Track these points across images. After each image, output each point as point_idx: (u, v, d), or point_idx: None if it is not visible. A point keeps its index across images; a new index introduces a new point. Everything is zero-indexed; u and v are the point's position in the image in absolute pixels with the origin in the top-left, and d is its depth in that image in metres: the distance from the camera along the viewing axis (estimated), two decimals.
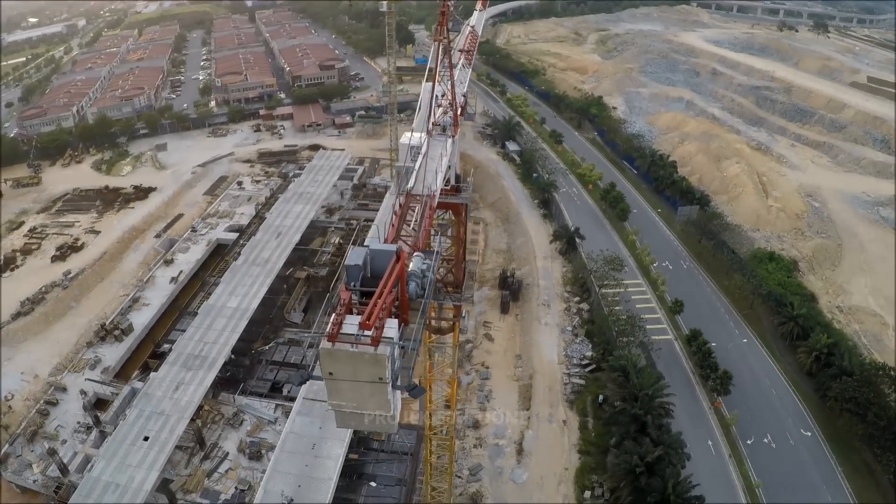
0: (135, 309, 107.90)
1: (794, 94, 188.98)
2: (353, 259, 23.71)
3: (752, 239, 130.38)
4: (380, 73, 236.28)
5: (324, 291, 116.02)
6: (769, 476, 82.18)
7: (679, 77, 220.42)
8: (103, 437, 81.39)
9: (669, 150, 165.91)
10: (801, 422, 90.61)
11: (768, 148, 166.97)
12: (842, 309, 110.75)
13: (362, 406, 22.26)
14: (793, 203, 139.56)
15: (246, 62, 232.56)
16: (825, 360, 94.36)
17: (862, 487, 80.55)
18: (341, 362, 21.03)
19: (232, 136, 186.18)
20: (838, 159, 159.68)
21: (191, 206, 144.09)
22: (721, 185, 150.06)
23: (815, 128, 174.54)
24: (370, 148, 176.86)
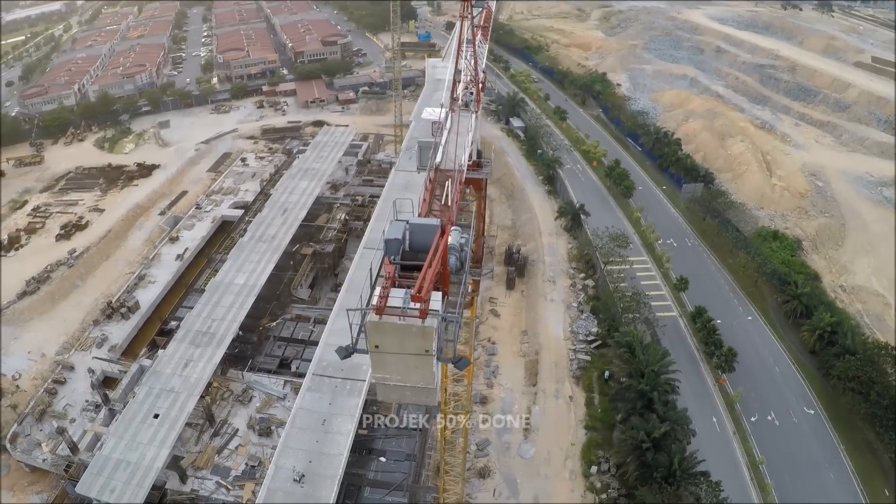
0: (141, 286, 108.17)
1: (798, 73, 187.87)
2: (393, 233, 23.89)
3: (756, 217, 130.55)
4: (382, 49, 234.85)
5: (330, 268, 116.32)
6: (773, 453, 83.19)
7: (683, 54, 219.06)
8: (112, 415, 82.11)
9: (674, 128, 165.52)
10: (804, 400, 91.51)
11: (772, 126, 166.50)
12: (845, 288, 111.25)
13: (406, 379, 22.54)
14: (797, 182, 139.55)
15: (248, 38, 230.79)
16: (828, 338, 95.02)
17: (864, 466, 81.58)
18: (388, 335, 21.26)
19: (235, 113, 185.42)
20: (842, 139, 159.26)
21: (195, 183, 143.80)
22: (725, 163, 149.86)
23: (820, 107, 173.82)
24: (374, 124, 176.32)
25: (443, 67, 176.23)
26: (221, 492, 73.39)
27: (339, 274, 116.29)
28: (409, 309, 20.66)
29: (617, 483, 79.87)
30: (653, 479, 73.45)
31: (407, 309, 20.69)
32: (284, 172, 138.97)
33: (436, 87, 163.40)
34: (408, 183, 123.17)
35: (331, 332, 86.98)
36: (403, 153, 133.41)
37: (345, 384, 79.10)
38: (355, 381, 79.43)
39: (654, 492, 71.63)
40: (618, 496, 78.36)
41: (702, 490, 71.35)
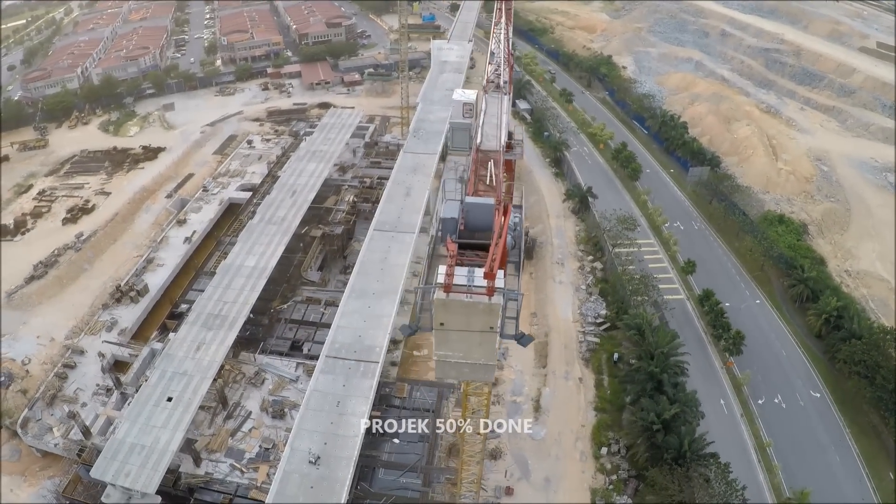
0: (149, 270, 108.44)
1: (803, 57, 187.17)
2: (449, 212, 24.24)
3: (762, 201, 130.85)
4: (386, 31, 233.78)
5: (339, 250, 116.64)
6: (779, 436, 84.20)
7: (688, 37, 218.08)
8: (124, 398, 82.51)
9: (679, 111, 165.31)
10: (810, 383, 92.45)
11: (778, 111, 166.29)
12: (850, 273, 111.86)
13: (468, 356, 22.91)
14: (802, 167, 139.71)
15: (251, 20, 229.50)
16: (834, 323, 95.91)
17: (869, 449, 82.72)
18: (455, 312, 21.56)
19: (240, 95, 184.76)
20: (847, 124, 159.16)
21: (201, 165, 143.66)
22: (731, 147, 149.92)
23: (825, 92, 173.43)
24: (380, 106, 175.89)
25: (448, 49, 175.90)
26: (236, 474, 74.05)
27: (347, 256, 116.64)
28: (475, 287, 20.98)
29: (627, 464, 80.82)
30: (663, 461, 74.38)
31: (473, 287, 21.01)
32: (291, 155, 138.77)
33: (441, 70, 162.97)
34: (416, 165, 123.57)
35: (343, 314, 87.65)
36: (411, 135, 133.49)
37: (358, 366, 79.83)
38: (368, 363, 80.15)
39: (665, 473, 72.55)
40: (628, 477, 79.30)
41: (711, 471, 72.31)
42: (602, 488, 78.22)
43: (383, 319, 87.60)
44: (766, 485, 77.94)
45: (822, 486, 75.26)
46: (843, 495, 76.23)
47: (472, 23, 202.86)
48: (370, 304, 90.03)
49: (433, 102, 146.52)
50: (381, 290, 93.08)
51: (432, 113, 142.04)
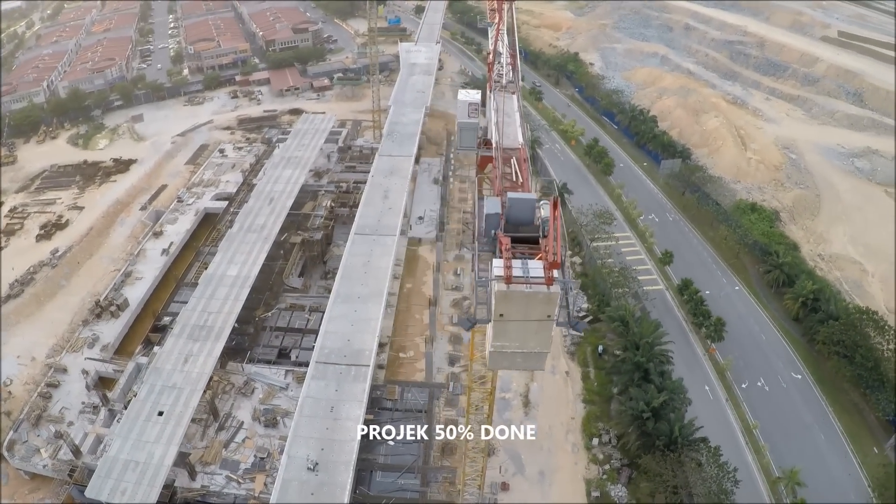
0: (128, 283, 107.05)
1: (766, 48, 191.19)
2: (491, 208, 24.87)
3: (734, 191, 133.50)
4: (353, 35, 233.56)
5: (318, 255, 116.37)
6: (765, 417, 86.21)
7: (653, 32, 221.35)
8: (112, 415, 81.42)
9: (648, 105, 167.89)
10: (791, 365, 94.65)
11: (744, 102, 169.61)
12: (823, 257, 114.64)
13: (524, 345, 23.41)
14: (771, 155, 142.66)
15: (216, 28, 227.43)
16: (811, 305, 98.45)
17: (852, 426, 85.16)
18: (515, 303, 22.06)
19: (209, 104, 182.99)
20: (812, 112, 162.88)
21: (174, 176, 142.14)
22: (701, 139, 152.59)
23: (789, 82, 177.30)
24: (351, 110, 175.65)
25: (416, 51, 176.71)
26: (232, 485, 73.50)
27: (327, 261, 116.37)
28: (533, 277, 21.57)
29: (619, 453, 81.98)
30: (654, 448, 75.63)
31: (530, 277, 21.59)
32: (266, 162, 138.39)
33: (411, 72, 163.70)
34: (392, 168, 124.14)
35: (330, 319, 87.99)
36: (385, 138, 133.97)
37: (349, 370, 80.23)
38: (359, 367, 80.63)
39: (658, 459, 73.85)
40: (621, 466, 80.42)
41: (702, 456, 73.71)
42: (596, 478, 79.22)
43: (371, 323, 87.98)
44: (756, 465, 79.78)
45: (809, 464, 77.06)
46: (831, 472, 78.35)
47: (439, 24, 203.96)
48: (356, 308, 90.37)
49: (405, 105, 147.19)
50: (366, 293, 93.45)
51: (405, 115, 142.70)
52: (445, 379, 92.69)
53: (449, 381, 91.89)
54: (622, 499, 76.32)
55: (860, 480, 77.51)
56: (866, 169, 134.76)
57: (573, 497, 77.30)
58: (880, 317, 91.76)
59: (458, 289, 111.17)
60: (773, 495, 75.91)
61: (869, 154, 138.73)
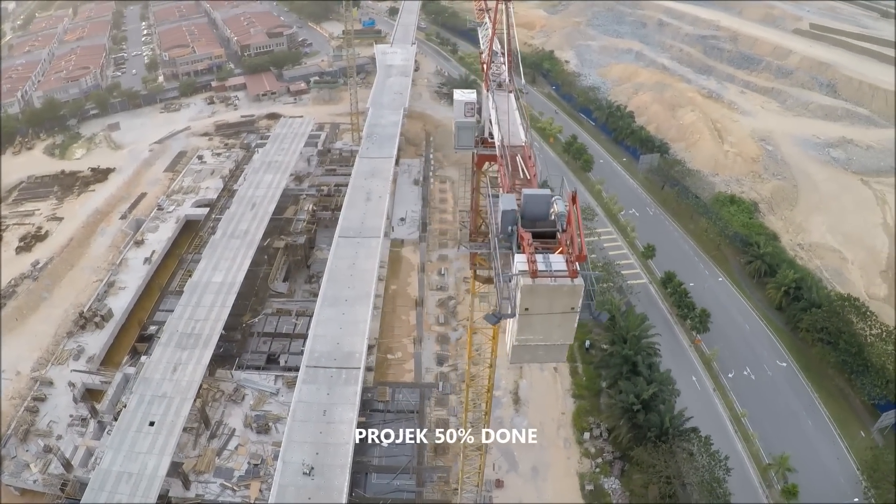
0: (111, 293, 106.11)
1: (740, 42, 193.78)
2: (508, 204, 25.21)
3: (713, 183, 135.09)
4: (328, 38, 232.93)
5: (302, 259, 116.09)
6: (752, 406, 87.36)
7: (627, 29, 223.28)
8: (102, 427, 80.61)
9: (625, 101, 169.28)
10: (776, 354, 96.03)
11: (719, 95, 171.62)
12: (803, 246, 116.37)
13: (548, 337, 23.69)
14: (748, 147, 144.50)
15: (190, 34, 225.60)
16: (793, 294, 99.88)
17: (838, 411, 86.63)
18: (540, 296, 22.34)
19: (186, 111, 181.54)
20: (787, 104, 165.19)
21: (153, 184, 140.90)
22: (678, 133, 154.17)
23: (763, 74, 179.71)
24: (328, 113, 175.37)
25: (392, 53, 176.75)
26: (227, 494, 73.16)
27: (311, 265, 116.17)
28: (556, 271, 21.89)
29: (610, 447, 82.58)
30: (646, 439, 76.40)
31: (553, 271, 21.91)
32: (246, 167, 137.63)
33: (388, 74, 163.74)
34: (373, 170, 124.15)
35: (318, 323, 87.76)
36: (365, 140, 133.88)
37: (340, 373, 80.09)
38: (350, 370, 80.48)
39: (650, 451, 74.62)
40: (613, 459, 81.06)
41: (693, 445, 74.58)
42: (589, 472, 79.83)
43: (359, 325, 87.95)
44: (745, 453, 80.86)
45: (798, 450, 78.24)
46: (820, 456, 79.59)
47: (413, 26, 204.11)
48: (344, 311, 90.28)
49: (383, 107, 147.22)
50: (354, 296, 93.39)
51: (383, 117, 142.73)
52: (435, 379, 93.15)
53: (438, 381, 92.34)
54: (616, 491, 77.00)
55: (849, 464, 78.82)
56: (842, 158, 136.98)
57: (567, 491, 77.88)
58: (861, 303, 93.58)
59: (443, 289, 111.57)
60: (765, 482, 77.08)
61: (844, 144, 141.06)
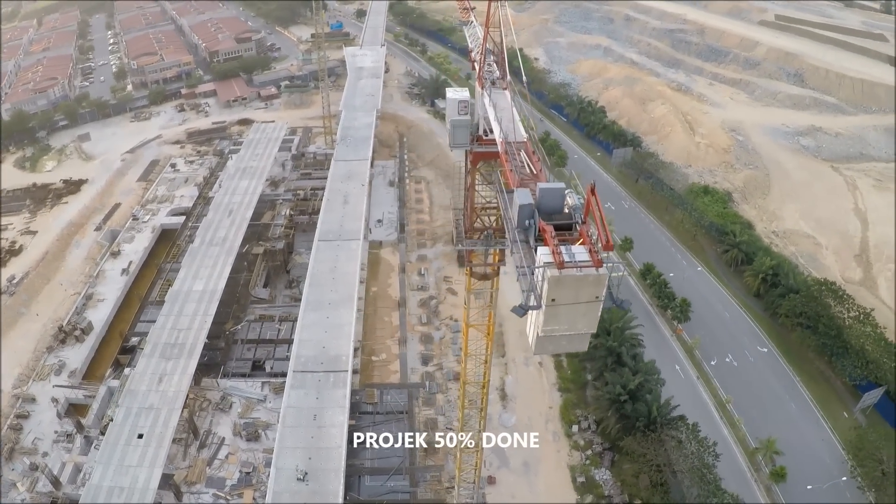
0: (90, 306, 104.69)
1: (707, 35, 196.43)
2: (523, 199, 25.50)
3: (686, 175, 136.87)
4: (296, 42, 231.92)
5: (281, 264, 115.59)
6: (736, 392, 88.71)
7: (594, 25, 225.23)
8: (89, 442, 79.65)
9: (595, 97, 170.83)
10: (756, 340, 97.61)
11: (688, 88, 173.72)
12: (777, 233, 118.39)
13: (573, 327, 23.99)
14: (719, 138, 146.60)
15: (158, 42, 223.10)
16: (771, 281, 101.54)
17: (820, 393, 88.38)
18: (566, 287, 22.64)
19: (156, 119, 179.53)
20: (755, 94, 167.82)
21: (126, 194, 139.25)
22: (650, 127, 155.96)
23: (731, 66, 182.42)
24: (300, 117, 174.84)
25: (362, 55, 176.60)
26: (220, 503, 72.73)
27: (290, 270, 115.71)
28: (580, 261, 22.19)
29: (599, 438, 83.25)
30: (635, 429, 77.23)
31: (577, 262, 22.21)
32: (220, 174, 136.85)
33: (359, 76, 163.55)
34: (349, 173, 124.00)
35: (303, 328, 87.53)
36: (340, 143, 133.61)
37: (328, 377, 79.93)
38: (338, 373, 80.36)
39: (639, 440, 75.47)
40: (602, 450, 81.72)
41: (682, 433, 75.49)
42: (580, 464, 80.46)
43: (344, 328, 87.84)
44: (732, 439, 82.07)
45: (784, 433, 79.67)
46: (805, 438, 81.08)
47: (382, 27, 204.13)
48: (328, 315, 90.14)
49: (356, 109, 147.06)
50: (337, 299, 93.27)
51: (357, 119, 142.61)
52: (420, 378, 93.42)
53: (424, 381, 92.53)
54: (607, 482, 77.71)
55: (834, 445, 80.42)
56: (811, 146, 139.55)
57: (559, 485, 78.42)
58: (838, 287, 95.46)
59: (424, 289, 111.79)
60: (753, 466, 78.35)
61: (813, 132, 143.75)
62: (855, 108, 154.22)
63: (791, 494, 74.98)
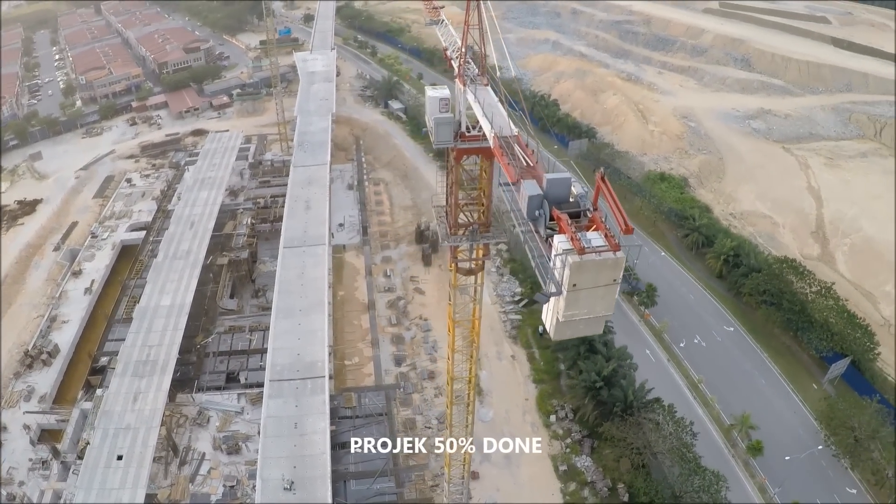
0: (55, 328, 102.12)
1: (653, 24, 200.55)
2: (531, 190, 26.29)
3: (642, 163, 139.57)
4: (244, 50, 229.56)
5: (246, 274, 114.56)
6: (707, 371, 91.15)
7: (541, 20, 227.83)
8: (67, 467, 77.72)
9: (547, 90, 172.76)
10: (722, 320, 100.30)
11: (638, 78, 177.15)
12: (735, 215, 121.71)
13: (592, 311, 24.66)
14: (671, 126, 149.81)
15: (105, 56, 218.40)
16: (732, 261, 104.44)
17: (788, 367, 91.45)
18: (587, 272, 23.32)
19: (108, 134, 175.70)
20: (704, 81, 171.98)
21: (83, 211, 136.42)
22: (603, 117, 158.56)
23: (679, 54, 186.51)
24: (254, 125, 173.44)
25: (313, 60, 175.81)
26: None
27: (255, 279, 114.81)
28: (597, 246, 22.86)
29: (578, 426, 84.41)
30: (612, 414, 78.71)
31: (596, 247, 22.86)
32: (178, 186, 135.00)
33: (311, 81, 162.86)
34: (309, 178, 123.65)
35: (276, 336, 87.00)
36: (297, 149, 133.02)
37: (305, 384, 79.65)
38: (315, 379, 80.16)
39: (617, 425, 76.95)
40: (581, 438, 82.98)
41: (659, 415, 77.21)
42: (560, 453, 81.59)
43: (317, 334, 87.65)
44: (707, 417, 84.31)
45: (757, 408, 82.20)
46: (777, 412, 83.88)
47: (331, 31, 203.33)
48: (300, 322, 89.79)
49: (311, 114, 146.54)
50: (307, 305, 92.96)
51: (312, 124, 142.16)
52: (395, 379, 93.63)
53: (399, 382, 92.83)
54: (589, 469, 78.96)
55: (805, 416, 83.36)
56: (762, 129, 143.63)
57: (542, 475, 79.41)
58: (798, 263, 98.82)
59: (391, 290, 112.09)
60: (729, 442, 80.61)
61: (763, 114, 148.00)
62: (802, 89, 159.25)
63: (769, 467, 77.48)
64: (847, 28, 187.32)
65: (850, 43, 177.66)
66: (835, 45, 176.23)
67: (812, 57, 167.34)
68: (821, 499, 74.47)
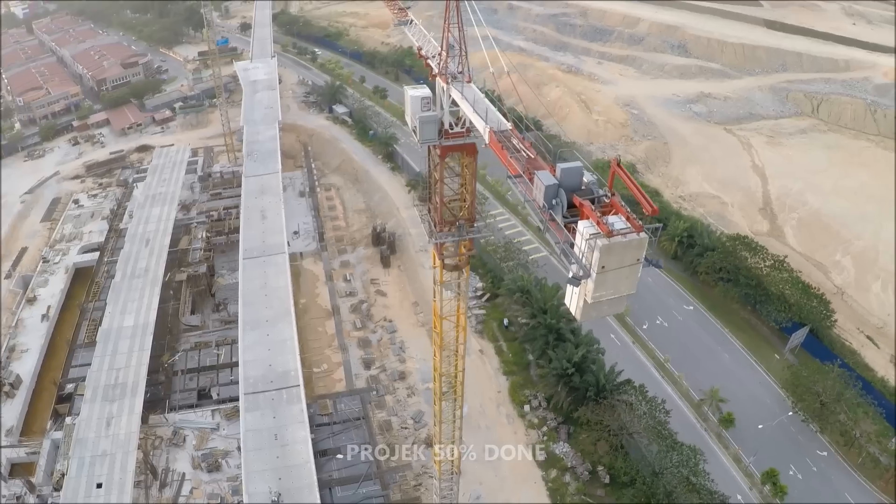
0: (14, 358, 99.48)
1: (589, 16, 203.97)
2: (547, 180, 27.65)
3: (589, 152, 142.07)
4: (182, 62, 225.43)
5: (206, 288, 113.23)
6: (671, 350, 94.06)
7: (477, 17, 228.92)
8: (43, 500, 76.53)
9: (490, 86, 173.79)
10: (681, 300, 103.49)
11: (578, 69, 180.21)
12: (684, 197, 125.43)
13: (617, 291, 25.79)
14: (615, 114, 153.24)
15: (42, 75, 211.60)
16: (687, 242, 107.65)
17: (749, 340, 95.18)
18: (614, 254, 24.43)
19: (51, 155, 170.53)
20: (643, 69, 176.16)
21: (32, 236, 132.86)
22: (548, 110, 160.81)
23: (616, 44, 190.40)
24: (199, 137, 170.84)
25: (254, 69, 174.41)
26: None
27: (215, 293, 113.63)
28: (621, 228, 23.99)
29: (552, 414, 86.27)
30: (586, 399, 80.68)
31: (621, 229, 23.99)
32: (128, 204, 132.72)
33: (254, 89, 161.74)
34: (262, 187, 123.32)
35: (245, 349, 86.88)
36: (247, 159, 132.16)
37: (281, 394, 79.87)
38: (290, 389, 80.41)
39: (592, 409, 78.93)
40: (557, 425, 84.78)
41: (631, 396, 79.50)
42: (538, 441, 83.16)
43: (287, 343, 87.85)
44: (676, 394, 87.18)
45: (724, 382, 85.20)
46: (744, 384, 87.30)
47: (269, 39, 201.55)
48: (268, 332, 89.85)
49: (257, 123, 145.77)
50: (273, 315, 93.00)
51: (260, 133, 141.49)
52: (366, 383, 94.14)
53: (371, 385, 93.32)
54: (568, 454, 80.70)
55: (771, 386, 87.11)
56: (703, 112, 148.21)
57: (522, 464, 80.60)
58: (751, 240, 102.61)
59: (353, 294, 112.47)
60: (700, 416, 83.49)
61: (703, 98, 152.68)
62: (739, 71, 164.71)
63: (742, 438, 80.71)
64: (779, 10, 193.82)
65: (782, 24, 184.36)
66: (768, 27, 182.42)
67: (747, 39, 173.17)
68: (794, 464, 77.90)
